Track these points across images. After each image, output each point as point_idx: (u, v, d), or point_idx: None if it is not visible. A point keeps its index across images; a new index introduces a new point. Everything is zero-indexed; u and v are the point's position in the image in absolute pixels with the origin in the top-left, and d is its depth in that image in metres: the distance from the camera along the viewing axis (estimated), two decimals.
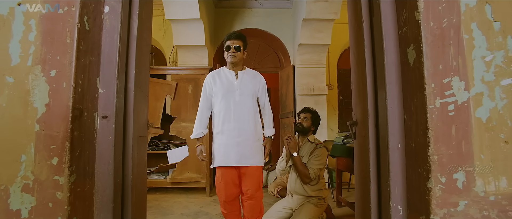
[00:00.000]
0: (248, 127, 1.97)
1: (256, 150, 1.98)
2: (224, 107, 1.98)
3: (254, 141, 1.98)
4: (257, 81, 2.09)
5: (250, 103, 2.00)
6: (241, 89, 2.00)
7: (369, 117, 1.18)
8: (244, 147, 1.94)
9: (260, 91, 2.10)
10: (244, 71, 2.07)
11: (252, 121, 1.99)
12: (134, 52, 1.21)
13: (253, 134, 1.98)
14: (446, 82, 0.92)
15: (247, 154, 1.94)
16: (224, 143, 1.95)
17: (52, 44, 0.94)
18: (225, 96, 1.98)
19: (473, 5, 0.93)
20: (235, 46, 2.00)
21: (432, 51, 0.93)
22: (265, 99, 2.14)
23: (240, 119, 1.96)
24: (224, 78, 2.04)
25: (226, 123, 1.96)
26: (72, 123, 0.92)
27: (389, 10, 1.10)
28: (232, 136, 1.94)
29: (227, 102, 1.97)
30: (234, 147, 1.92)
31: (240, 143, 1.93)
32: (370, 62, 1.19)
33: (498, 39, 0.92)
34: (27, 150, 0.90)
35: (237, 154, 1.92)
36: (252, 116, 1.99)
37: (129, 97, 1.20)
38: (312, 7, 3.72)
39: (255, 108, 2.04)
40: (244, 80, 2.03)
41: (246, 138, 1.95)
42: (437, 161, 0.90)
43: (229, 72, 2.05)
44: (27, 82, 0.92)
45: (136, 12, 1.22)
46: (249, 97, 2.00)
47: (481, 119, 0.90)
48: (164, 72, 3.99)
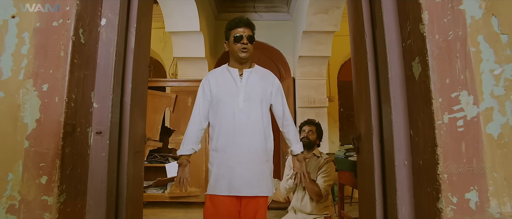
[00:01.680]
0: (255, 144, 1.48)
1: (264, 175, 1.49)
2: (224, 116, 1.50)
3: (262, 163, 1.48)
4: (268, 83, 1.58)
5: (258, 112, 1.51)
6: (246, 92, 1.51)
7: (373, 132, 1.14)
8: (248, 171, 1.45)
9: (273, 95, 1.59)
10: (251, 70, 1.58)
11: (261, 135, 1.50)
12: (131, 65, 1.18)
13: (261, 152, 1.49)
14: (454, 96, 0.88)
15: (253, 180, 1.45)
16: (222, 164, 1.47)
17: (45, 58, 0.91)
18: (225, 102, 1.51)
19: (479, 17, 0.91)
20: (248, 36, 1.52)
21: (439, 64, 0.90)
22: (283, 106, 1.61)
23: (244, 132, 1.47)
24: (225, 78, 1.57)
25: (225, 138, 1.48)
26: (63, 139, 0.88)
27: (392, 23, 1.08)
28: (232, 155, 1.45)
29: (228, 110, 1.49)
30: (235, 170, 1.44)
31: (244, 165, 1.45)
32: (374, 75, 1.16)
33: (506, 52, 0.88)
34: (15, 168, 0.86)
35: (239, 180, 1.43)
36: (260, 128, 1.50)
37: (125, 111, 1.16)
38: (312, 20, 3.73)
39: (265, 119, 1.53)
40: (251, 81, 1.54)
41: (251, 158, 1.46)
42: (447, 180, 0.85)
43: (233, 71, 1.56)
44: (18, 96, 0.89)
45: (134, 25, 1.20)
46: (256, 104, 1.51)
47: (492, 135, 0.86)
48: (163, 85, 3.97)
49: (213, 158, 1.51)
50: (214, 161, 1.50)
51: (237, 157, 1.45)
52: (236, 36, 1.52)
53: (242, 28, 1.53)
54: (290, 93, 4.45)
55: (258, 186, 1.45)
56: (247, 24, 1.55)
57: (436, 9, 0.92)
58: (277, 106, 1.61)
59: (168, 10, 3.64)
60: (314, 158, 2.41)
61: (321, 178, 2.29)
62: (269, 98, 1.58)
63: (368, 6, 1.20)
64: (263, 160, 1.49)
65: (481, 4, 0.91)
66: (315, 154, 2.42)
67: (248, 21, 1.56)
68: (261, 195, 1.46)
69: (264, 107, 1.54)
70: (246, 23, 1.55)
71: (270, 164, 1.55)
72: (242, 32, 1.53)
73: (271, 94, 1.59)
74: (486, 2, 0.91)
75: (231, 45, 1.55)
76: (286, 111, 1.62)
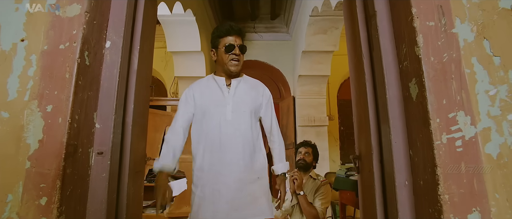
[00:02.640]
0: (244, 160, 1.32)
1: (256, 196, 1.32)
2: (209, 129, 1.33)
3: (252, 182, 1.32)
4: (258, 93, 1.46)
5: (247, 124, 1.36)
6: (234, 103, 1.37)
7: (373, 152, 1.14)
8: (238, 192, 1.28)
9: (263, 107, 1.46)
10: (240, 79, 1.45)
11: (251, 150, 1.35)
12: (133, 86, 1.20)
13: (251, 170, 1.33)
14: (452, 117, 0.90)
15: (243, 203, 1.28)
16: (206, 186, 1.29)
17: (50, 79, 0.93)
18: (211, 113, 1.35)
19: (472, 40, 0.94)
20: (240, 46, 1.39)
21: (435, 85, 0.92)
22: (272, 119, 1.48)
23: (232, 146, 1.31)
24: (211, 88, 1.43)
25: (210, 153, 1.31)
26: (65, 160, 0.88)
27: (388, 45, 1.11)
28: (219, 174, 1.29)
29: (213, 122, 1.34)
30: (220, 193, 1.27)
31: (231, 186, 1.28)
32: (372, 96, 1.18)
33: (499, 73, 0.91)
34: (15, 189, 0.85)
35: (226, 203, 1.26)
36: (249, 142, 1.35)
37: (127, 132, 1.17)
38: (311, 40, 3.82)
39: (255, 132, 1.40)
40: (239, 91, 1.41)
41: (240, 177, 1.30)
42: (448, 201, 0.84)
43: (219, 80, 1.43)
44: (22, 117, 0.90)
45: (137, 47, 1.24)
46: (245, 115, 1.37)
47: (491, 155, 0.86)
48: (164, 103, 4.00)
49: (198, 178, 1.33)
50: (198, 182, 1.33)
51: (223, 177, 1.29)
52: (227, 45, 1.38)
53: (233, 37, 1.39)
54: (290, 112, 4.48)
55: (249, 208, 1.28)
56: (238, 32, 1.41)
57: (430, 32, 0.96)
58: (266, 120, 1.48)
59: (170, 30, 3.73)
60: (311, 180, 2.38)
61: (319, 200, 2.26)
62: (259, 110, 1.45)
63: (365, 28, 1.23)
64: (253, 178, 1.33)
65: (473, 28, 0.94)
66: (311, 176, 2.40)
67: (240, 29, 1.42)
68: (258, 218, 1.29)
69: (253, 119, 1.40)
70: (238, 31, 1.41)
71: (264, 181, 1.37)
72: (233, 41, 1.38)
73: (261, 106, 1.46)
74: (477, 26, 0.95)
75: (221, 54, 1.40)
76: (274, 126, 1.49)
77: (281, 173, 1.49)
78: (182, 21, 3.58)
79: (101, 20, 1.09)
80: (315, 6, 3.26)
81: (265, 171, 1.41)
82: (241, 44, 1.41)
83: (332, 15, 3.44)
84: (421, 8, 0.98)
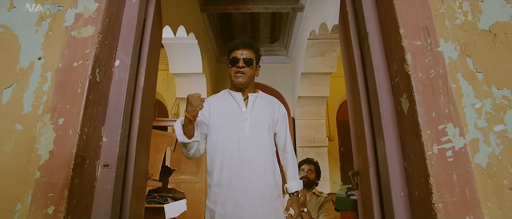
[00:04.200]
0: (266, 175, 1.31)
1: (279, 213, 1.31)
2: (227, 144, 1.32)
3: (275, 198, 1.31)
4: (274, 110, 1.47)
5: (266, 139, 1.36)
6: (252, 118, 1.37)
7: (369, 166, 1.18)
8: (262, 208, 1.25)
9: (279, 123, 1.47)
10: (256, 95, 1.47)
11: (271, 166, 1.34)
12: (139, 103, 1.27)
13: (273, 186, 1.32)
14: (441, 128, 0.95)
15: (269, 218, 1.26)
16: (227, 203, 1.26)
17: (63, 94, 0.99)
18: (229, 128, 1.35)
19: (456, 57, 1.01)
20: (245, 59, 1.38)
21: (424, 100, 0.98)
22: (286, 136, 1.48)
23: (251, 162, 1.30)
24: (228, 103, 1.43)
25: (229, 169, 1.29)
26: (73, 170, 0.92)
27: (380, 63, 1.18)
28: (240, 190, 1.26)
29: (232, 137, 1.33)
30: (244, 209, 1.23)
31: (256, 200, 1.25)
32: (367, 111, 1.24)
33: (483, 88, 0.97)
34: (24, 199, 0.89)
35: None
36: (269, 158, 1.35)
37: (131, 147, 1.21)
38: (309, 62, 3.94)
39: (273, 147, 1.41)
40: (257, 107, 1.41)
41: (263, 193, 1.28)
42: (442, 209, 0.87)
43: (236, 95, 1.43)
44: (35, 129, 0.95)
45: (144, 66, 1.31)
46: (264, 130, 1.37)
47: (480, 164, 0.91)
48: (165, 124, 4.05)
49: (216, 195, 1.30)
50: (217, 199, 1.29)
51: (245, 192, 1.26)
52: (231, 58, 1.41)
53: (240, 50, 1.40)
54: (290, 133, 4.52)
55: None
56: (246, 45, 1.40)
57: (417, 51, 1.03)
58: (280, 136, 1.48)
59: (173, 53, 3.87)
60: (314, 196, 2.40)
61: (323, 217, 2.26)
62: (275, 126, 1.46)
63: (358, 48, 1.32)
64: (276, 195, 1.31)
65: (456, 47, 1.02)
66: (314, 193, 2.41)
67: (248, 42, 1.42)
68: None
69: (271, 135, 1.41)
70: (246, 44, 1.40)
71: (282, 200, 1.36)
72: (239, 54, 1.40)
73: (277, 122, 1.47)
74: (460, 45, 1.02)
75: (229, 69, 1.44)
76: (288, 143, 1.49)
77: (295, 192, 1.45)
78: (185, 44, 3.72)
79: (112, 40, 1.17)
80: (313, 30, 3.41)
81: (282, 189, 1.41)
82: (248, 57, 1.40)
83: (329, 38, 3.59)
84: (409, 29, 1.06)
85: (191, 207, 3.50)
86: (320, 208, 2.30)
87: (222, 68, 5.02)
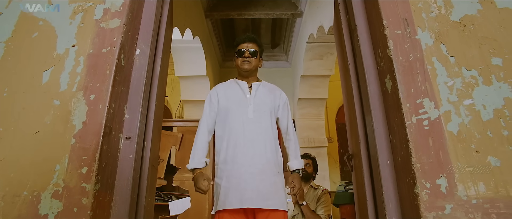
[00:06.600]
0: (266, 154, 1.46)
1: (278, 187, 1.43)
2: (233, 126, 1.50)
3: (274, 174, 1.45)
4: (276, 96, 1.66)
5: (268, 122, 1.54)
6: (255, 103, 1.55)
7: (360, 141, 1.33)
8: (261, 182, 1.38)
9: (280, 109, 1.65)
10: (259, 83, 1.67)
11: (272, 146, 1.50)
12: (155, 87, 1.43)
13: (272, 164, 1.47)
14: (419, 102, 1.10)
15: (267, 192, 1.38)
16: (232, 176, 1.40)
17: (94, 75, 1.16)
18: (234, 112, 1.53)
19: (431, 44, 1.17)
20: (250, 51, 1.61)
21: (404, 78, 1.14)
22: (288, 120, 1.65)
23: (254, 142, 1.46)
24: (234, 90, 1.63)
25: (234, 148, 1.45)
26: (103, 138, 1.08)
27: (368, 51, 1.35)
28: (243, 165, 1.41)
29: (237, 120, 1.51)
30: (247, 182, 1.37)
31: (256, 176, 1.39)
32: (357, 94, 1.40)
33: (455, 69, 1.13)
34: (62, 161, 1.04)
35: (251, 192, 1.36)
36: (271, 138, 1.51)
37: (149, 125, 1.37)
38: (308, 65, 4.12)
39: (274, 131, 1.57)
40: (260, 93, 1.61)
41: (263, 169, 1.42)
42: (420, 169, 1.02)
43: (241, 83, 1.64)
44: (70, 104, 1.11)
45: (160, 56, 1.49)
46: (266, 114, 1.55)
47: (452, 132, 1.06)
48: (170, 124, 4.20)
49: (222, 171, 1.46)
50: (222, 174, 1.45)
51: (248, 167, 1.41)
52: (238, 50, 1.63)
53: (246, 43, 1.63)
54: None
55: (272, 198, 1.38)
56: (251, 40, 1.64)
57: (398, 38, 1.20)
58: (283, 120, 1.65)
59: (178, 56, 4.06)
60: (312, 189, 2.51)
61: (321, 208, 2.37)
62: (277, 111, 1.64)
63: (349, 41, 1.49)
64: (275, 171, 1.46)
65: (431, 35, 1.19)
66: (312, 186, 2.54)
67: (252, 37, 1.66)
68: (275, 208, 1.37)
69: (272, 119, 1.57)
70: (251, 38, 1.64)
71: (282, 177, 1.50)
72: (245, 46, 1.62)
73: (278, 108, 1.65)
74: (435, 34, 1.19)
75: (236, 60, 1.65)
76: (290, 125, 1.65)
77: (296, 169, 1.59)
78: (190, 48, 3.91)
79: (134, 32, 1.35)
80: (311, 33, 3.61)
81: (282, 167, 1.55)
82: (253, 49, 1.62)
83: (326, 42, 3.78)
84: (390, 20, 1.23)
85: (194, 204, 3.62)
86: (318, 201, 2.42)
87: (225, 73, 5.20)
